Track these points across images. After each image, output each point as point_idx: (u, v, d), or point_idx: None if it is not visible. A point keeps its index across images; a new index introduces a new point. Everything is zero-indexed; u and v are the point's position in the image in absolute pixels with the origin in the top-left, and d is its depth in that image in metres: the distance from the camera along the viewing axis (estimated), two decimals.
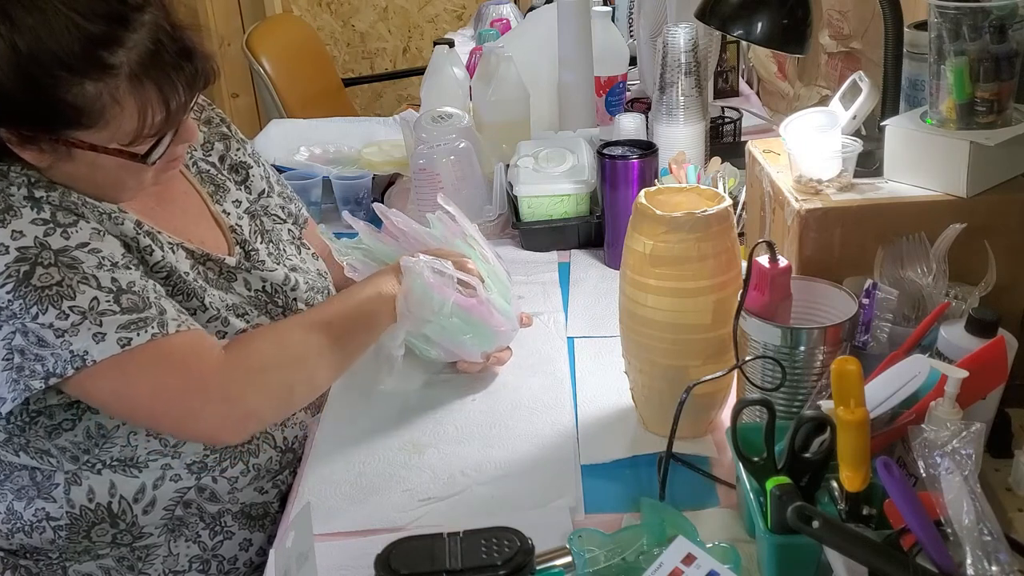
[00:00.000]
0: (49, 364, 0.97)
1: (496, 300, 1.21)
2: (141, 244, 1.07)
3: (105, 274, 1.00)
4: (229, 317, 1.12)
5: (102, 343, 0.97)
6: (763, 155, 1.27)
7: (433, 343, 1.21)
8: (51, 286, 0.97)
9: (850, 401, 0.81)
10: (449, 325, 1.17)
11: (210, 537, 1.15)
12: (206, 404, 1.04)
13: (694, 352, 1.03)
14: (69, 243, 1.00)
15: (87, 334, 0.97)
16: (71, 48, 0.94)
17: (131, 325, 0.99)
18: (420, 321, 1.16)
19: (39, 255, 0.98)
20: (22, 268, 0.97)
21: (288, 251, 1.29)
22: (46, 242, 0.98)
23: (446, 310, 1.15)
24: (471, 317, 1.17)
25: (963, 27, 1.02)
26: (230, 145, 1.30)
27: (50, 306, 0.96)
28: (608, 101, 2.03)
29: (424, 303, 1.14)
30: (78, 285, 0.98)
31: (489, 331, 1.21)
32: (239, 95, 3.97)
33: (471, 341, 1.21)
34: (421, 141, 1.67)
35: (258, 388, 1.07)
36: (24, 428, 1.06)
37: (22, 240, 0.98)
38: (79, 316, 0.97)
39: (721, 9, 1.35)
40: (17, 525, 1.10)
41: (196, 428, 1.06)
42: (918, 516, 0.75)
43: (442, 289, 1.14)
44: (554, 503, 1.01)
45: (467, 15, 4.04)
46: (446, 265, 1.16)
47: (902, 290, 1.03)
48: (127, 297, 1.00)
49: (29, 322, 0.96)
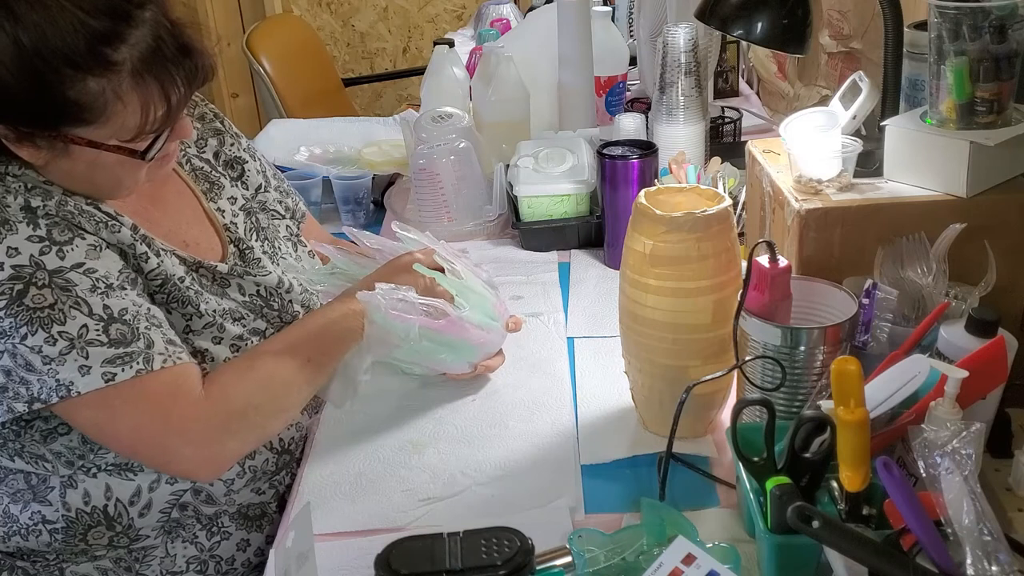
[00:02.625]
0: (34, 389, 0.97)
1: (471, 315, 1.18)
2: (137, 251, 1.06)
3: (97, 300, 1.00)
4: (225, 323, 1.12)
5: (87, 376, 0.97)
6: (763, 155, 1.27)
7: (407, 362, 1.21)
8: (43, 308, 0.97)
9: (850, 401, 0.81)
10: (421, 348, 1.15)
11: (207, 538, 1.15)
12: (184, 446, 1.04)
13: (694, 352, 1.03)
14: (64, 263, 0.99)
15: (73, 365, 0.97)
16: (75, 44, 0.94)
17: (116, 360, 0.99)
18: (387, 348, 1.14)
19: (34, 275, 0.97)
20: (16, 287, 0.96)
21: (283, 249, 1.28)
22: (41, 261, 0.98)
23: (413, 335, 1.13)
24: (443, 336, 1.15)
25: (963, 27, 1.02)
26: (224, 140, 1.29)
27: (40, 328, 0.96)
28: (608, 101, 2.03)
29: (388, 332, 1.12)
30: (69, 310, 0.98)
31: (468, 345, 1.19)
32: (239, 95, 3.97)
33: (450, 358, 1.19)
34: (421, 141, 1.67)
35: (235, 431, 1.07)
36: (19, 433, 1.06)
37: (17, 258, 0.97)
38: (67, 343, 0.97)
39: (721, 9, 1.35)
40: (13, 528, 1.10)
41: (173, 467, 1.07)
42: (918, 516, 0.75)
43: (404, 316, 1.12)
44: (554, 503, 1.01)
45: (467, 15, 4.04)
46: (407, 293, 1.13)
47: (902, 290, 1.03)
48: (116, 327, 1.00)
49: (18, 343, 0.96)
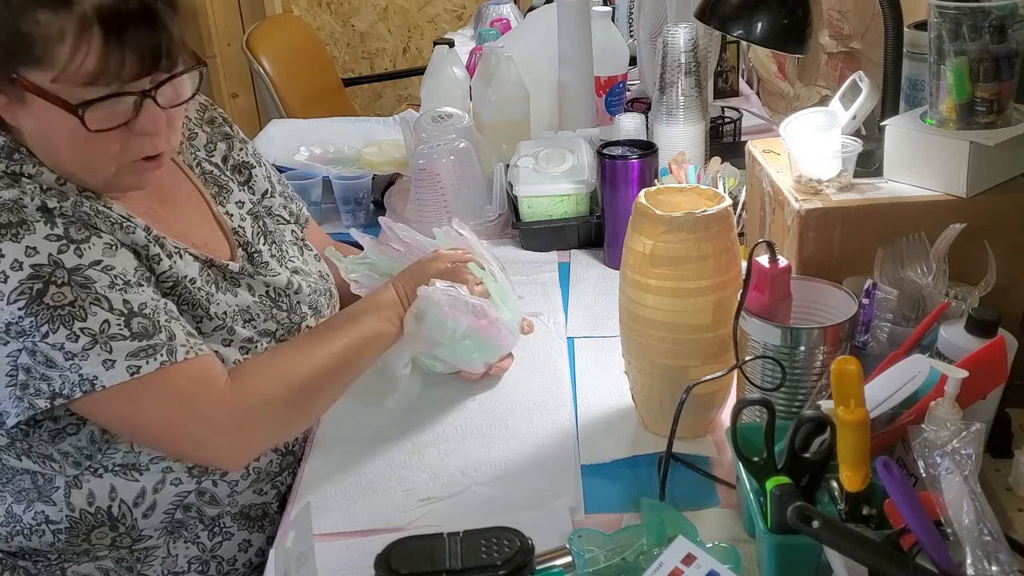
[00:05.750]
0: (56, 384, 0.97)
1: (504, 317, 1.22)
2: (151, 253, 1.06)
3: (117, 295, 0.99)
4: (235, 326, 1.12)
5: (111, 370, 0.97)
6: (763, 155, 1.27)
7: (441, 360, 1.22)
8: (63, 306, 0.96)
9: (850, 401, 0.81)
10: (461, 348, 1.18)
11: (209, 538, 1.15)
12: (210, 435, 1.05)
13: (694, 352, 1.03)
14: (82, 261, 0.99)
15: (96, 359, 0.97)
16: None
17: (140, 352, 0.99)
18: (432, 344, 1.16)
19: (53, 273, 0.97)
20: (35, 286, 0.96)
21: (291, 252, 1.28)
22: (60, 260, 0.98)
23: (459, 334, 1.16)
24: (481, 337, 1.19)
25: (963, 27, 1.02)
26: (233, 145, 1.30)
27: (61, 326, 0.96)
28: (608, 101, 2.03)
29: (437, 329, 1.14)
30: (90, 306, 0.97)
31: (496, 346, 1.23)
32: (239, 95, 3.97)
33: (478, 358, 1.22)
34: (421, 141, 1.67)
35: (261, 422, 1.08)
36: (28, 433, 1.05)
37: (36, 257, 0.97)
38: (89, 339, 0.97)
39: (721, 9, 1.35)
40: (16, 528, 1.10)
41: (199, 455, 1.08)
42: (918, 516, 0.75)
43: (456, 315, 1.15)
44: (554, 503, 1.01)
45: (467, 15, 4.04)
46: (461, 291, 1.17)
47: (902, 290, 1.03)
48: (138, 321, 0.99)
49: (39, 341, 0.96)
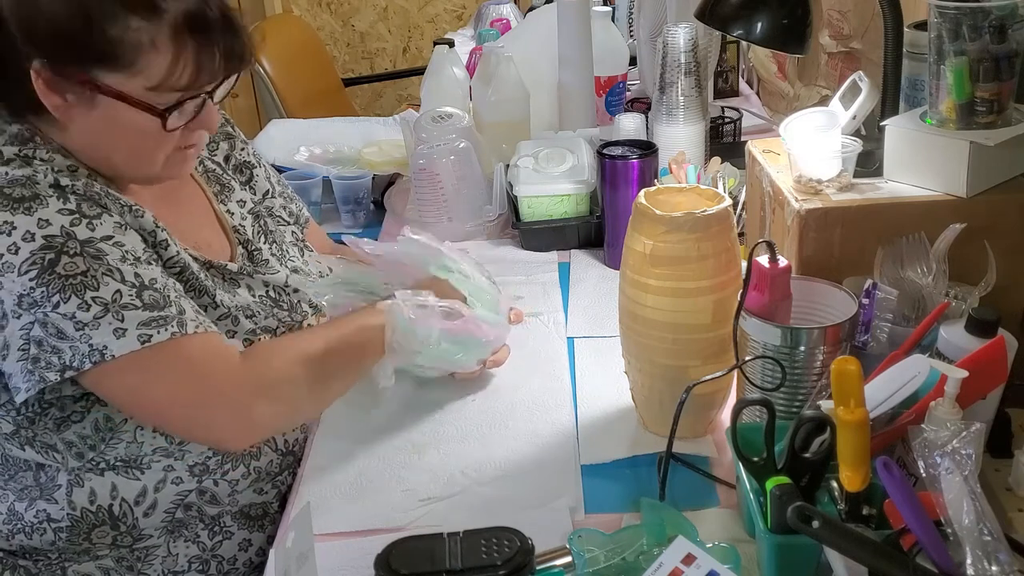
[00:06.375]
0: (67, 357, 0.97)
1: (481, 313, 1.20)
2: (158, 238, 1.07)
3: (128, 268, 1.00)
4: (239, 317, 1.12)
5: (122, 338, 0.97)
6: (763, 155, 1.27)
7: (427, 367, 1.21)
8: (75, 275, 0.97)
9: (850, 401, 0.81)
10: (440, 351, 1.16)
11: (209, 537, 1.15)
12: (218, 411, 1.04)
13: (694, 352, 1.03)
14: (94, 235, 1.00)
15: (108, 328, 0.97)
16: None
17: (152, 322, 0.99)
18: (410, 354, 1.15)
19: (65, 244, 0.98)
20: (47, 256, 0.97)
21: (291, 252, 1.29)
22: (72, 232, 0.99)
23: (433, 339, 1.14)
24: (459, 337, 1.17)
25: (963, 27, 1.02)
26: (235, 144, 1.31)
27: (73, 295, 0.96)
28: (608, 101, 2.03)
29: (409, 338, 1.13)
30: (102, 276, 0.98)
31: (480, 342, 1.21)
32: (239, 95, 3.96)
33: (464, 358, 1.21)
34: (421, 141, 1.67)
35: (274, 400, 1.07)
36: (34, 419, 1.05)
37: (48, 228, 0.98)
38: (101, 308, 0.97)
39: (721, 9, 1.35)
40: (18, 526, 1.10)
41: (205, 433, 1.07)
42: (918, 516, 0.75)
43: (426, 321, 1.13)
44: (554, 503, 1.01)
45: (467, 15, 4.04)
46: (427, 297, 1.15)
47: (902, 290, 1.03)
48: (149, 293, 1.00)
49: (50, 311, 0.96)
